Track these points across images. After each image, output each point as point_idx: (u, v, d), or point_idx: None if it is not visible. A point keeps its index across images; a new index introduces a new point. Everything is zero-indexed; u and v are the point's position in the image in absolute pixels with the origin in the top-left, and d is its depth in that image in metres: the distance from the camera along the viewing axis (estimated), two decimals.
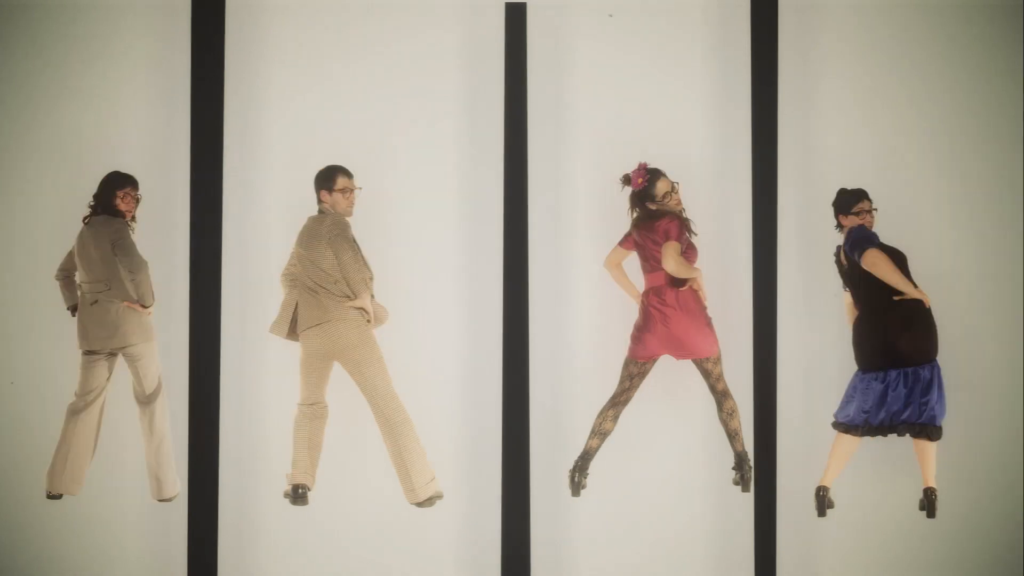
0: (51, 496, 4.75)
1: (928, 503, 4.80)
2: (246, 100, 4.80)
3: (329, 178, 4.80)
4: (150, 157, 4.80)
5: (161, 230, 4.80)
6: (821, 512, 4.80)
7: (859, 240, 4.80)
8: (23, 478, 4.75)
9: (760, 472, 4.80)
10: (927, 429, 4.77)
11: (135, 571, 4.74)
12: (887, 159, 4.88)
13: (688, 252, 4.81)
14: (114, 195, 4.78)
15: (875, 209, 4.83)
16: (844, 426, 4.80)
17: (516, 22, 4.82)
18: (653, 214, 4.81)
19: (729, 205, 4.85)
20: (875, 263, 4.76)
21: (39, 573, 4.73)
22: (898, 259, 4.80)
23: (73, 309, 4.82)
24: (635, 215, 4.85)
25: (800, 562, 4.80)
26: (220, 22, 4.78)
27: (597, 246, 4.86)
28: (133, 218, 4.81)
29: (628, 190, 4.83)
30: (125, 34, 4.80)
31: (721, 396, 4.81)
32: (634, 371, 4.83)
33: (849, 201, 4.84)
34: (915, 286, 4.78)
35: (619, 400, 4.82)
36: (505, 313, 4.80)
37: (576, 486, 4.81)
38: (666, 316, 4.80)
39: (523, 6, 4.82)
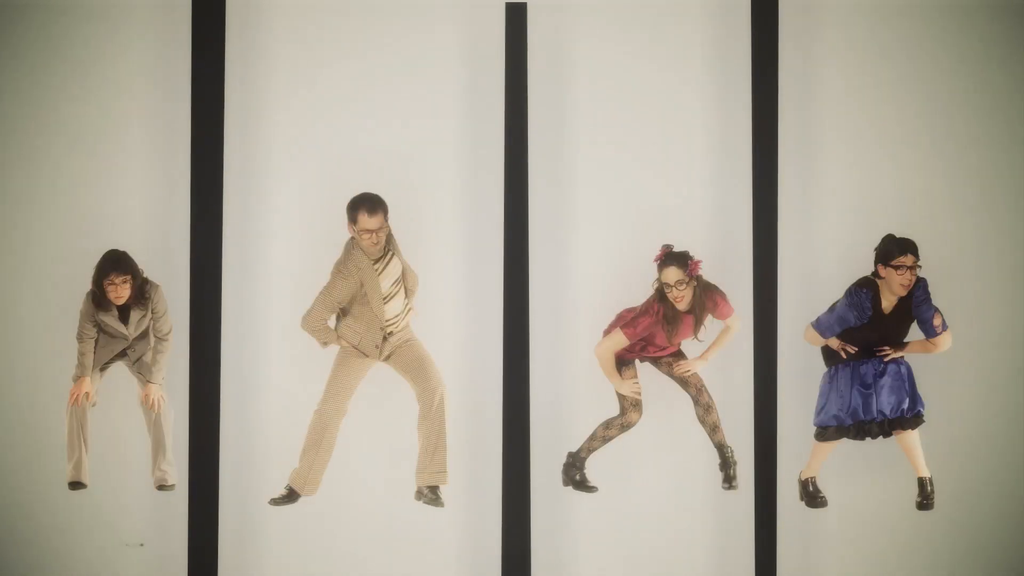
0: (75, 486, 4.76)
1: (923, 494, 4.77)
2: (246, 100, 4.80)
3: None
4: (150, 159, 4.80)
5: (161, 230, 4.81)
6: (811, 503, 4.79)
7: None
8: (22, 473, 4.78)
9: (760, 473, 4.80)
10: (920, 417, 4.77)
11: (135, 568, 4.76)
12: (888, 158, 4.87)
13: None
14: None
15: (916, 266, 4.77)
16: (834, 430, 4.79)
17: (516, 22, 4.81)
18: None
19: (729, 206, 4.85)
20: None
21: (39, 570, 4.76)
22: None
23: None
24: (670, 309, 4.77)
25: (800, 563, 4.81)
26: (220, 22, 4.78)
27: (598, 247, 4.86)
28: None
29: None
30: (125, 35, 4.80)
31: (696, 391, 4.80)
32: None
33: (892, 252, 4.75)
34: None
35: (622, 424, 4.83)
36: (506, 314, 4.80)
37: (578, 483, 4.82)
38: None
39: (523, 6, 4.81)
